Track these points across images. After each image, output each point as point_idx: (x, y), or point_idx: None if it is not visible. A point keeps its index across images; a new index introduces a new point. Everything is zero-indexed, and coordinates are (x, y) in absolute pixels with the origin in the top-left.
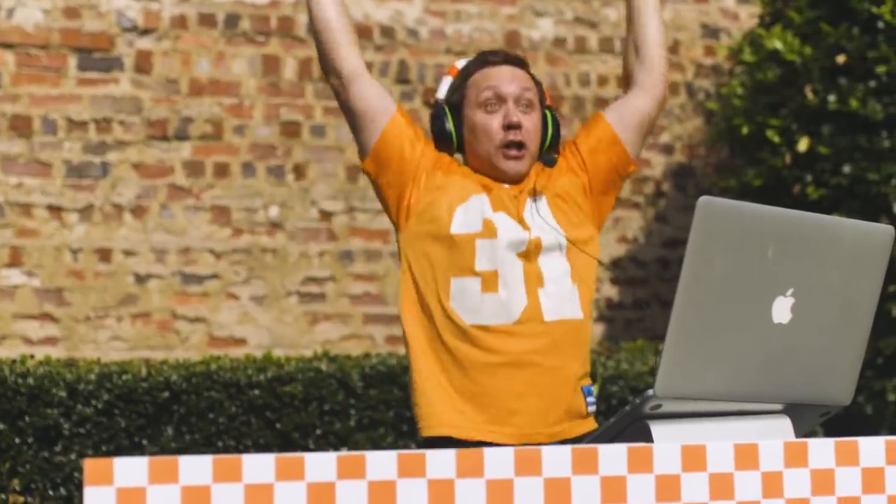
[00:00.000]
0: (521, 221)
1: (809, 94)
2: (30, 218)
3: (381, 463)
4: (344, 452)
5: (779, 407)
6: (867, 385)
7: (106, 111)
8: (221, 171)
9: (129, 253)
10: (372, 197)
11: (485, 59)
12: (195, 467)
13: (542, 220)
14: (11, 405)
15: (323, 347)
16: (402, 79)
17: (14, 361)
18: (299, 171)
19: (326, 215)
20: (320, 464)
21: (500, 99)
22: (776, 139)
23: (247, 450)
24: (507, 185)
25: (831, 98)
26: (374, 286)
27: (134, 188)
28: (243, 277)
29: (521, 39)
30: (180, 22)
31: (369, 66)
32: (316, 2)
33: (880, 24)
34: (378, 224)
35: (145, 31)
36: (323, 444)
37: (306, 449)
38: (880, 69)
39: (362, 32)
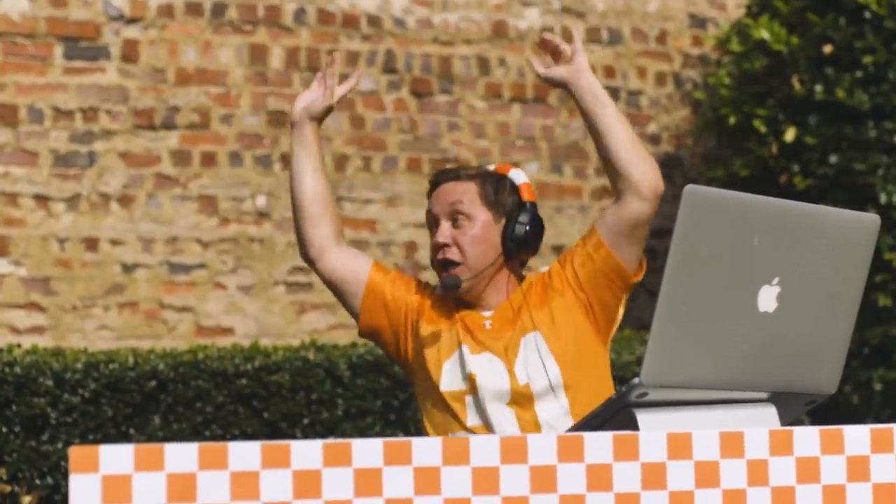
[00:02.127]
0: (509, 367)
1: (796, 84)
2: (16, 207)
3: (367, 450)
4: (331, 440)
5: (764, 395)
6: (853, 375)
7: (92, 100)
8: (208, 160)
9: (116, 242)
10: (359, 186)
11: (433, 183)
12: (181, 455)
13: (536, 363)
14: None
15: (310, 337)
16: (388, 69)
17: (1, 350)
18: (286, 160)
19: None
20: (306, 451)
21: (436, 220)
22: (763, 129)
23: (234, 439)
24: (486, 313)
25: (818, 88)
26: None
27: (121, 177)
28: (230, 267)
29: (508, 29)
30: (167, 11)
31: (356, 55)
32: (295, 177)
33: (867, 15)
34: (365, 214)
35: (132, 20)
36: (310, 434)
37: (293, 438)
38: (867, 59)
39: (349, 22)
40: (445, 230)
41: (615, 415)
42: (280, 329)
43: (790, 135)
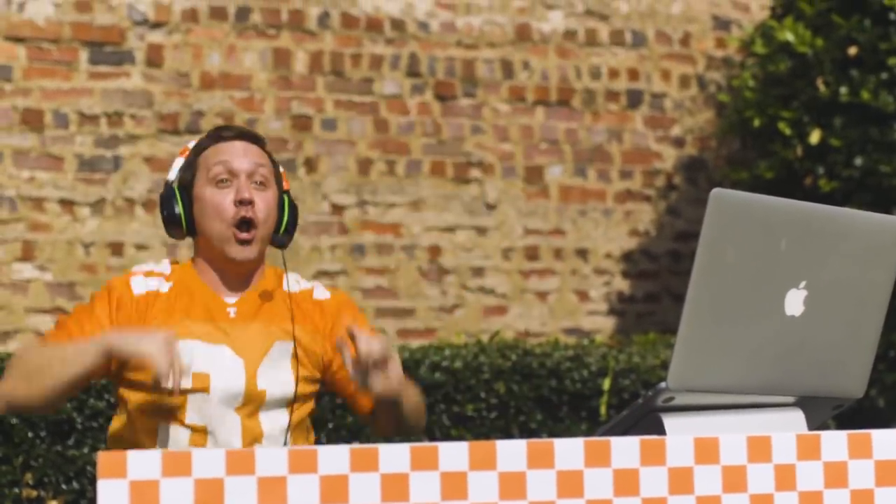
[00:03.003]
0: (249, 368)
1: (821, 86)
2: (42, 212)
3: (394, 456)
4: (357, 445)
5: (791, 399)
6: (880, 378)
7: (117, 105)
8: None
9: (140, 247)
10: (383, 190)
11: (217, 135)
12: (208, 461)
13: (282, 373)
14: None
15: None
16: (412, 72)
17: None
18: (310, 164)
19: (338, 209)
20: (333, 456)
21: (233, 174)
22: (788, 131)
23: None
24: (229, 299)
25: (843, 90)
26: (386, 280)
27: (145, 182)
28: None
29: (532, 32)
30: (191, 15)
31: (380, 59)
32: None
33: (892, 16)
34: (390, 217)
35: (156, 25)
36: (335, 438)
37: (318, 442)
38: (892, 61)
39: (373, 25)
40: (250, 187)
41: (642, 419)
42: None
43: (815, 137)
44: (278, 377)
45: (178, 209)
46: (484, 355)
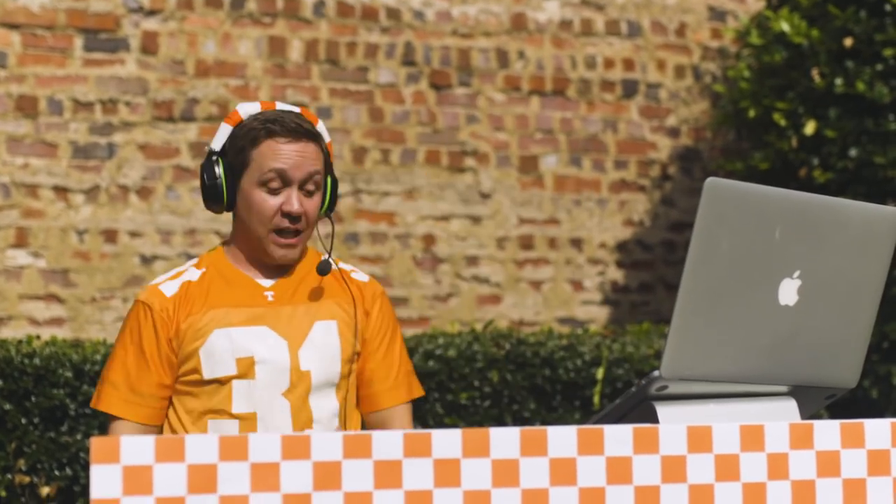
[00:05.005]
0: (292, 349)
1: (816, 77)
2: (36, 199)
3: (388, 442)
4: (350, 432)
5: (784, 389)
6: (873, 369)
7: (112, 92)
8: None
9: (134, 234)
10: (378, 179)
11: (271, 129)
12: (201, 446)
13: (328, 353)
14: (18, 385)
15: None
16: (407, 61)
17: (20, 342)
18: None
19: None
20: (326, 443)
21: (285, 182)
22: (783, 122)
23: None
24: (265, 282)
25: (838, 81)
26: (380, 268)
27: (140, 169)
28: None
29: (528, 21)
30: (186, 3)
31: (375, 48)
32: None
33: (887, 7)
34: (384, 206)
35: (151, 12)
36: None
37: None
38: (887, 52)
39: (368, 14)
40: (298, 197)
41: (635, 408)
42: None
43: (810, 128)
44: (322, 356)
45: (222, 184)
46: (478, 344)
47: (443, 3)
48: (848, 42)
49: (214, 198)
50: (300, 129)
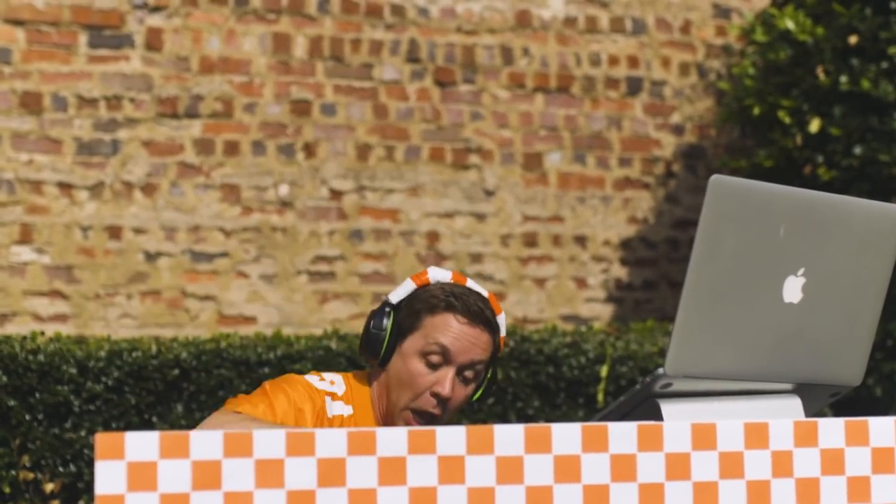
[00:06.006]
0: None
1: (821, 75)
2: (40, 195)
3: (392, 439)
4: (354, 429)
5: (789, 387)
6: (877, 367)
7: (116, 88)
8: (231, 149)
9: (139, 230)
10: (382, 176)
11: (455, 306)
12: (206, 442)
13: None
14: (22, 382)
15: (332, 326)
16: (412, 58)
17: (24, 338)
18: (309, 149)
19: (336, 194)
20: (330, 440)
21: (446, 361)
22: (787, 120)
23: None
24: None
25: (843, 79)
26: (384, 265)
27: (144, 166)
28: (253, 256)
29: (532, 19)
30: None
31: (379, 45)
32: None
33: (893, 5)
34: (388, 203)
35: (156, 9)
36: None
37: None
38: (892, 50)
39: (373, 11)
40: (452, 381)
41: (639, 405)
42: (302, 318)
43: (815, 126)
44: None
45: (384, 340)
46: None
47: None
48: (853, 40)
49: (373, 348)
50: (481, 316)
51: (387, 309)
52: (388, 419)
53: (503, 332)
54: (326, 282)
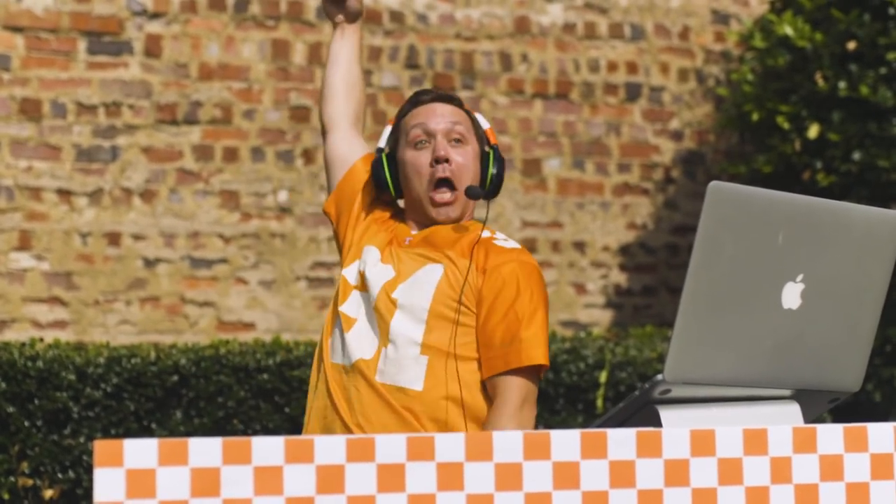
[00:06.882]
0: (394, 281)
1: (820, 81)
2: (39, 202)
3: (391, 446)
4: (353, 435)
5: (787, 393)
6: (876, 373)
7: (115, 95)
8: (231, 155)
9: (138, 237)
10: None
11: (416, 99)
12: (205, 450)
13: (418, 285)
14: (21, 388)
15: None
16: (411, 64)
17: (23, 345)
18: (308, 155)
19: None
20: (330, 447)
21: (430, 135)
22: (786, 126)
23: (256, 434)
24: (414, 231)
25: (842, 85)
26: None
27: (143, 172)
28: (252, 262)
29: (531, 25)
30: (190, 6)
31: (378, 51)
32: (329, 60)
33: (891, 11)
34: None
35: (155, 15)
36: None
37: None
38: (891, 56)
39: (372, 17)
40: (446, 145)
41: (638, 411)
42: (301, 324)
43: (813, 131)
44: (414, 290)
45: (386, 175)
46: None
47: (446, 6)
48: (851, 45)
49: (382, 186)
50: (444, 95)
51: (380, 156)
52: (422, 218)
53: (485, 125)
54: (325, 288)
